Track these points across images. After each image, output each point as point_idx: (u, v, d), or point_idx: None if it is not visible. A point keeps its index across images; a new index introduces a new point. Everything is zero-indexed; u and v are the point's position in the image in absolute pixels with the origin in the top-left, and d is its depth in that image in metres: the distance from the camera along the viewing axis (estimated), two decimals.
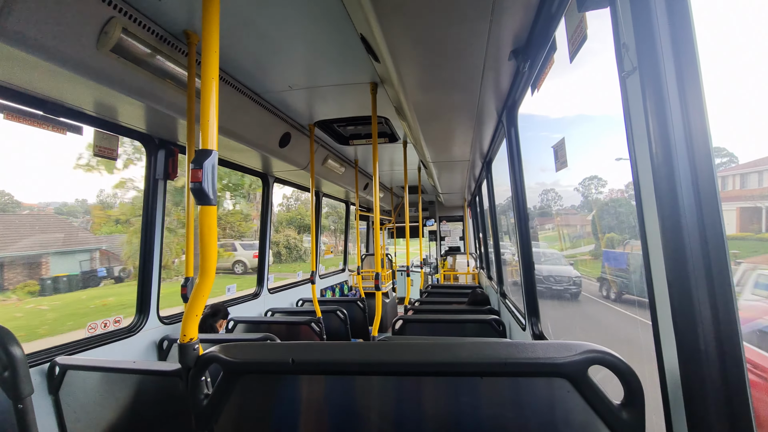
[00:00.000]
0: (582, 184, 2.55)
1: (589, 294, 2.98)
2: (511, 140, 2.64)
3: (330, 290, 6.45)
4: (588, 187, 2.52)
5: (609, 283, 2.54)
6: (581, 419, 0.90)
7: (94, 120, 2.27)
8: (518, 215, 2.67)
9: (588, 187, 2.52)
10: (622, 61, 0.93)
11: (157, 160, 2.76)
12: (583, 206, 2.79)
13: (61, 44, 1.59)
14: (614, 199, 2.27)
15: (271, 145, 3.42)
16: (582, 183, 2.54)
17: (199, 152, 1.31)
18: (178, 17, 1.91)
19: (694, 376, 0.77)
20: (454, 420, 0.99)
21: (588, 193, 2.59)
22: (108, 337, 2.49)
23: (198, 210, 1.30)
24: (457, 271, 9.08)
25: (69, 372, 1.92)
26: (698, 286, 0.76)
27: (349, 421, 1.06)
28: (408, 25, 1.63)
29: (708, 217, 0.76)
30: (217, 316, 3.00)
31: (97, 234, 13.84)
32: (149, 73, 1.99)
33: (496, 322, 2.84)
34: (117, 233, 14.06)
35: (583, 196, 2.66)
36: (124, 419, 1.82)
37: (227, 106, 2.64)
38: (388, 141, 4.26)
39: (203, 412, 1.10)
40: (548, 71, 1.71)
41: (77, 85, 1.83)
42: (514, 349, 0.93)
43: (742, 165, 1.33)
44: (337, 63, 2.45)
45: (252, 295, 4.24)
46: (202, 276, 1.34)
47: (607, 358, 0.88)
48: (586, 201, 2.68)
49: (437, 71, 2.10)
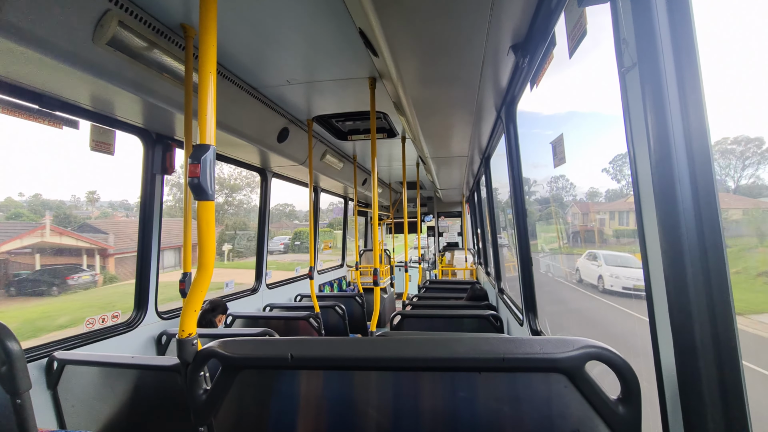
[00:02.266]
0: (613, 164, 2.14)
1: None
2: (509, 136, 2.63)
3: (328, 285, 6.46)
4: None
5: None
6: (578, 414, 0.91)
7: (91, 114, 2.26)
8: (516, 211, 2.67)
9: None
10: (621, 56, 0.93)
11: (155, 155, 2.75)
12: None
13: (57, 37, 1.57)
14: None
15: (269, 140, 3.41)
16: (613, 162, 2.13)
17: (197, 147, 1.30)
18: (175, 10, 1.89)
19: (690, 371, 0.78)
20: (451, 415, 1.00)
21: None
22: (106, 332, 2.49)
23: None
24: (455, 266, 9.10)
25: (67, 367, 1.92)
26: (695, 282, 0.77)
27: (347, 415, 1.07)
28: (407, 18, 1.62)
29: (706, 213, 0.76)
30: (216, 311, 3.00)
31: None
32: (146, 66, 1.98)
33: (493, 318, 2.85)
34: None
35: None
36: (122, 414, 1.83)
37: (225, 101, 2.62)
38: (387, 136, 4.24)
39: (202, 407, 1.11)
40: (547, 67, 1.70)
41: (73, 78, 1.81)
42: (512, 345, 0.94)
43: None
44: (336, 57, 2.44)
45: (250, 290, 4.25)
46: (201, 271, 1.34)
47: (604, 354, 0.89)
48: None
49: (436, 66, 2.09)
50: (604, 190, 2.55)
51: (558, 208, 3.43)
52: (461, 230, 9.86)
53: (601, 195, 2.58)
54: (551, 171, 2.33)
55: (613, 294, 2.63)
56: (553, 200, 3.40)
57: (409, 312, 3.05)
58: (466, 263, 8.70)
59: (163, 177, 2.82)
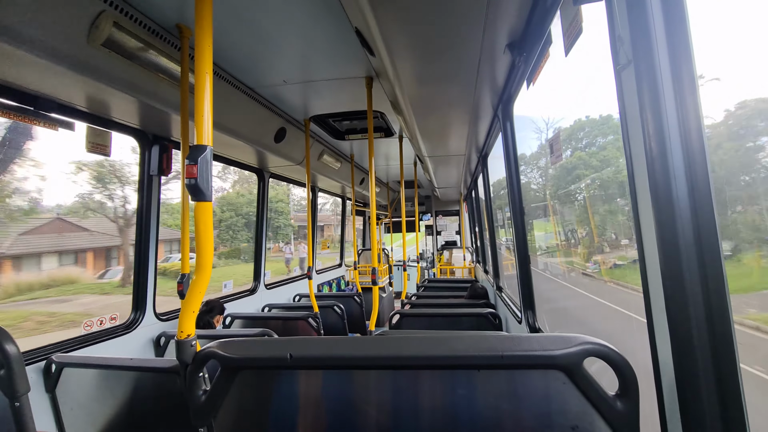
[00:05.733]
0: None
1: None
2: (506, 134, 2.64)
3: (327, 285, 6.46)
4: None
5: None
6: (576, 410, 0.92)
7: (87, 116, 2.24)
8: (514, 209, 2.68)
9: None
10: (617, 54, 0.93)
11: (151, 156, 2.74)
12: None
13: (52, 38, 1.56)
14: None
15: (266, 140, 3.40)
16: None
17: (194, 148, 1.30)
18: (170, 11, 1.88)
19: (688, 366, 0.78)
20: (451, 412, 1.00)
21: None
22: (104, 334, 2.48)
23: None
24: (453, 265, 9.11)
25: (65, 370, 1.91)
26: (692, 278, 0.77)
27: (347, 414, 1.07)
28: (403, 17, 1.62)
29: (702, 210, 0.77)
30: (213, 312, 2.99)
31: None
32: (142, 67, 1.97)
33: (492, 316, 2.86)
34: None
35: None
36: (121, 416, 1.82)
37: (221, 101, 2.62)
38: (384, 135, 4.24)
39: (201, 408, 1.11)
40: (543, 65, 1.71)
41: (69, 80, 1.80)
42: (510, 342, 0.94)
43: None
44: (332, 57, 2.43)
45: (249, 290, 4.24)
46: (199, 272, 1.34)
47: (602, 350, 0.89)
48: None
49: (433, 64, 2.09)
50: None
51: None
52: (459, 229, 9.87)
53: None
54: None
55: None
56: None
57: (407, 311, 3.06)
58: (464, 262, 8.71)
59: (159, 178, 2.81)
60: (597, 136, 2.31)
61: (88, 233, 11.19)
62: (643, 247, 0.91)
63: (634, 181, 0.92)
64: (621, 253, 2.03)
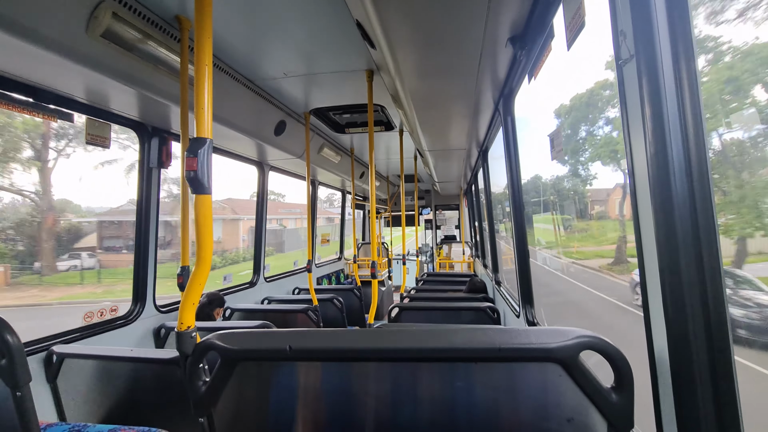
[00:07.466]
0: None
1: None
2: (507, 129, 2.63)
3: (326, 278, 6.48)
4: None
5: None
6: (572, 402, 0.93)
7: (86, 107, 2.24)
8: (514, 203, 2.68)
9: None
10: (619, 48, 0.93)
11: (151, 148, 2.73)
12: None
13: (51, 29, 1.55)
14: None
15: (266, 133, 3.39)
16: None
17: (194, 140, 1.30)
18: (170, 2, 1.87)
19: (683, 358, 0.79)
20: (449, 404, 1.01)
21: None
22: (104, 325, 2.49)
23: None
24: (452, 259, 9.14)
25: (66, 360, 1.93)
26: (689, 272, 0.78)
27: (345, 405, 1.08)
28: (404, 10, 1.61)
29: (700, 203, 0.77)
30: (213, 304, 3.00)
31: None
32: (141, 59, 1.96)
33: (491, 310, 2.87)
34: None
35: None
36: (122, 406, 1.84)
37: (221, 94, 2.60)
38: (384, 129, 4.23)
39: (201, 399, 1.12)
40: (545, 59, 1.70)
41: (68, 71, 1.79)
42: (508, 336, 0.95)
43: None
44: (333, 50, 2.42)
45: (249, 283, 4.26)
46: (199, 264, 1.34)
47: (598, 343, 0.90)
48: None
49: (434, 58, 2.08)
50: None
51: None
52: (459, 223, 9.87)
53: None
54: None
55: None
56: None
57: (406, 304, 3.07)
58: (463, 256, 8.73)
59: (159, 170, 2.81)
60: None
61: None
62: (641, 240, 0.91)
63: (634, 174, 0.92)
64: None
